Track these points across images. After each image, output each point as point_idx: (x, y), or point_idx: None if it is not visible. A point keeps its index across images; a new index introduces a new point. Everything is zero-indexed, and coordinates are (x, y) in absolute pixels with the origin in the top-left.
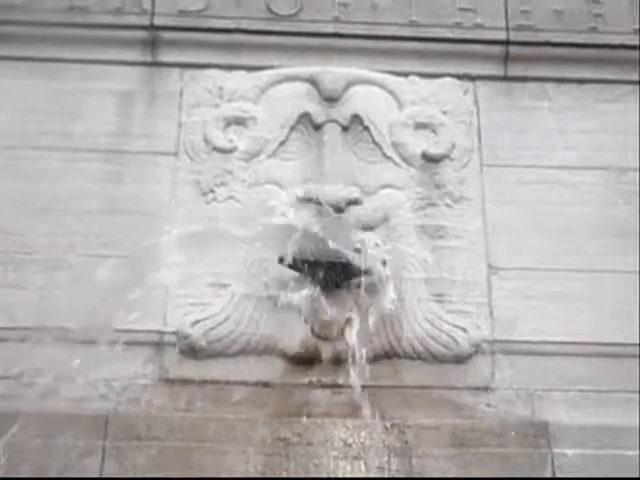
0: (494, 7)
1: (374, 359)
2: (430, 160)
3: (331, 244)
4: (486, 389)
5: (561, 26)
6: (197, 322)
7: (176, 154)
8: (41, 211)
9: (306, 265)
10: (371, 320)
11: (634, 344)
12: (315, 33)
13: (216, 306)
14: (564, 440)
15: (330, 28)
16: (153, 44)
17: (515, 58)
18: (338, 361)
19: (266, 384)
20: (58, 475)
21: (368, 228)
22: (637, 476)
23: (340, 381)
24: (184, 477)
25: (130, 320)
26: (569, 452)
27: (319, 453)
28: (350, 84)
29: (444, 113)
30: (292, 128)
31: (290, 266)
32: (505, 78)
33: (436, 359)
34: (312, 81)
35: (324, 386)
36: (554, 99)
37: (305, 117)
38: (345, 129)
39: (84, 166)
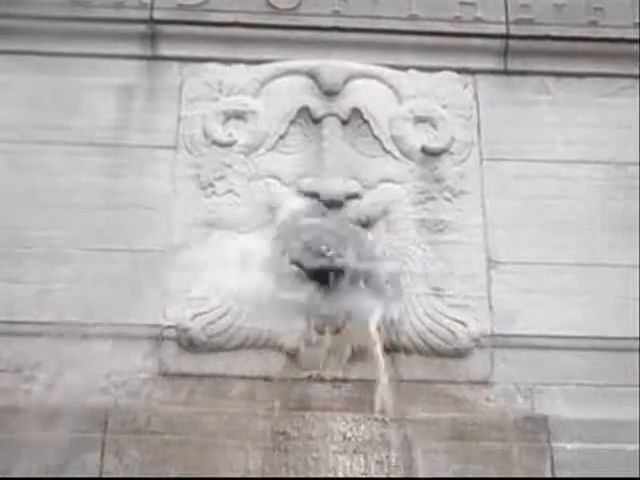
0: (494, 1)
1: (374, 353)
2: (430, 154)
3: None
4: (485, 383)
5: (561, 20)
6: (196, 316)
7: (175, 148)
8: (40, 205)
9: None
10: (370, 314)
11: (633, 338)
12: (315, 27)
13: (215, 300)
14: (563, 434)
15: (330, 22)
16: (153, 38)
17: (515, 52)
18: (337, 355)
19: (266, 378)
20: (58, 471)
21: (368, 222)
22: (637, 470)
23: (340, 375)
24: (184, 477)
25: (129, 314)
26: (568, 446)
27: (318, 447)
28: (350, 78)
29: (444, 107)
30: (291, 122)
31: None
32: (505, 72)
33: (435, 353)
34: (312, 75)
35: (323, 380)
36: (554, 93)
37: (304, 111)
38: (345, 123)
39: (84, 160)
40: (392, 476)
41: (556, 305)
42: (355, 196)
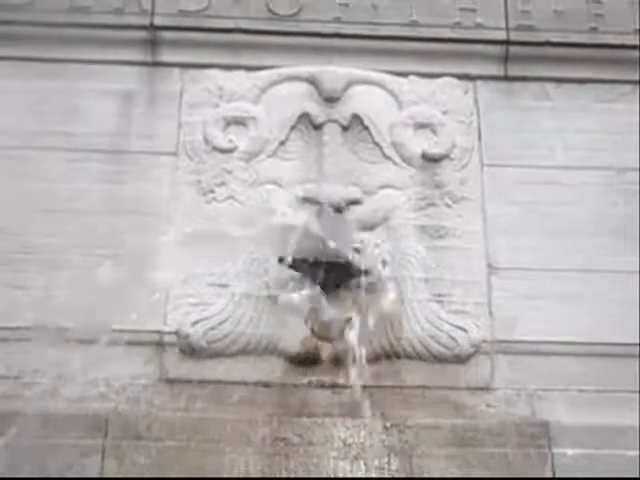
0: (494, 7)
1: (374, 359)
2: (430, 160)
3: (331, 244)
4: (486, 389)
5: (561, 26)
6: (197, 322)
7: (176, 154)
8: (41, 211)
9: (306, 265)
10: (371, 320)
11: (634, 344)
12: (315, 33)
13: (216, 306)
14: (564, 440)
15: (330, 28)
16: (153, 44)
17: (515, 58)
18: (338, 361)
19: (266, 384)
20: (58, 475)
21: (368, 228)
22: (637, 477)
23: (340, 381)
24: (184, 477)
25: (130, 320)
26: (569, 452)
27: (319, 453)
28: (350, 84)
29: (444, 113)
30: (292, 128)
31: (290, 266)
32: (505, 78)
33: (436, 359)
34: (312, 81)
35: (324, 386)
36: (554, 99)
37: (305, 117)
38: (345, 129)
39: (84, 166)
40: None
41: (556, 311)
42: (355, 202)
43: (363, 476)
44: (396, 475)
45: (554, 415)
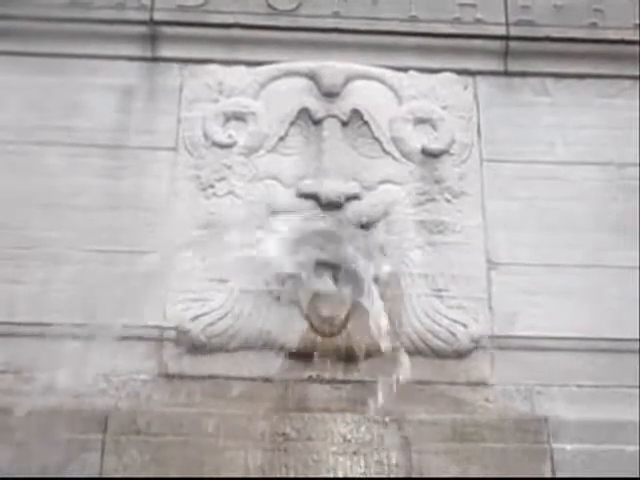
0: (494, 2)
1: (375, 354)
2: (430, 155)
3: (335, 245)
4: (485, 384)
5: (561, 21)
6: (197, 317)
7: (176, 149)
8: (41, 206)
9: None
10: (371, 315)
11: (633, 339)
12: (314, 28)
13: (216, 301)
14: (563, 435)
15: (330, 23)
16: (153, 39)
17: (515, 53)
18: (337, 357)
19: (265, 379)
20: (58, 471)
21: (368, 223)
22: (637, 472)
23: (339, 376)
24: (184, 477)
25: (130, 315)
26: (568, 447)
27: (318, 448)
28: (350, 79)
29: (444, 108)
30: (292, 123)
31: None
32: (505, 73)
33: (436, 354)
34: (312, 76)
35: (323, 381)
36: (554, 94)
37: (304, 112)
38: (345, 124)
39: (84, 161)
40: (392, 476)
41: (556, 306)
42: (355, 197)
43: (362, 471)
44: (395, 470)
45: (553, 410)
